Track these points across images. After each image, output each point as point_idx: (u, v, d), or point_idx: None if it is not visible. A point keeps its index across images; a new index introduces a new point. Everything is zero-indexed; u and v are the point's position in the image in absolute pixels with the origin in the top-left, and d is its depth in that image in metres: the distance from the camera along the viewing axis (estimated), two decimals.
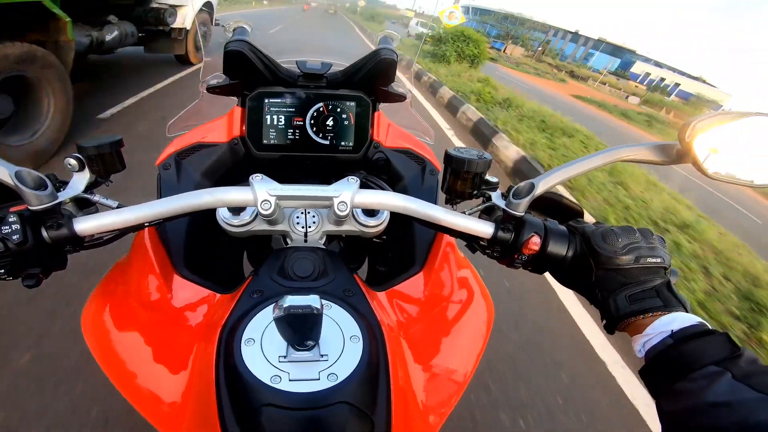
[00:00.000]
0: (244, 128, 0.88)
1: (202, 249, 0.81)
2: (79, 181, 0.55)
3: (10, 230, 0.46)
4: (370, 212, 0.69)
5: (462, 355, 0.67)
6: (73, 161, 0.55)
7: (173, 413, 0.54)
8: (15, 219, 0.46)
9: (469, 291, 0.77)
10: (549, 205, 0.71)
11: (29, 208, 0.47)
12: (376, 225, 0.69)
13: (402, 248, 0.90)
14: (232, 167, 0.90)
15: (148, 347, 0.60)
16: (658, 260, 0.53)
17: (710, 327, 0.47)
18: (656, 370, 0.47)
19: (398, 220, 0.66)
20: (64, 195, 0.52)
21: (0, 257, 0.46)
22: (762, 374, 0.40)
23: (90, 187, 0.57)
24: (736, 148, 0.53)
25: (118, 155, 0.60)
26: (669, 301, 0.51)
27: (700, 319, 0.48)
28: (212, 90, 0.88)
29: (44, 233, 0.48)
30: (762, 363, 0.42)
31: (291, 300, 0.40)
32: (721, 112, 0.52)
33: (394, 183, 0.95)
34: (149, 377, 0.57)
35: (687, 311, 0.50)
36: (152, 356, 0.59)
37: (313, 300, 0.41)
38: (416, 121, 1.15)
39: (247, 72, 0.82)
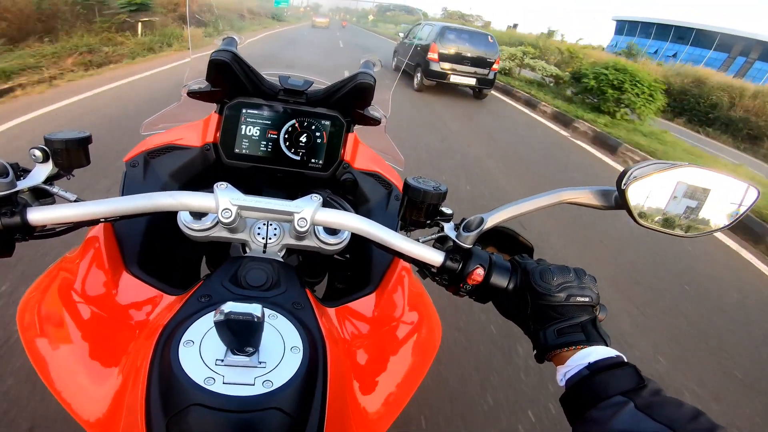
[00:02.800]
0: (218, 135, 0.89)
1: (158, 249, 0.81)
2: (41, 171, 0.56)
3: None
4: (332, 231, 0.71)
5: (406, 374, 0.69)
6: (38, 152, 0.56)
7: (101, 412, 0.54)
8: None
9: (420, 314, 0.79)
10: (503, 239, 0.75)
11: None
12: (336, 243, 0.71)
13: (360, 268, 0.91)
14: (201, 172, 0.91)
15: (84, 342, 0.60)
16: (587, 299, 0.57)
17: (624, 360, 0.51)
18: (573, 398, 0.51)
19: (359, 240, 0.68)
20: (23, 184, 0.53)
21: None
22: (662, 405, 0.44)
23: (51, 179, 0.58)
24: (669, 198, 0.58)
25: (85, 151, 0.61)
26: (591, 336, 0.55)
27: (616, 353, 0.52)
28: (193, 95, 0.89)
29: None
30: (665, 394, 0.46)
31: (232, 306, 0.41)
32: (655, 161, 0.56)
33: (360, 204, 0.97)
34: (80, 374, 0.57)
35: (607, 345, 0.54)
36: (87, 352, 0.59)
37: (254, 309, 0.42)
38: (389, 145, 1.19)
39: (230, 81, 0.84)
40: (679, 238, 0.62)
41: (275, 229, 0.70)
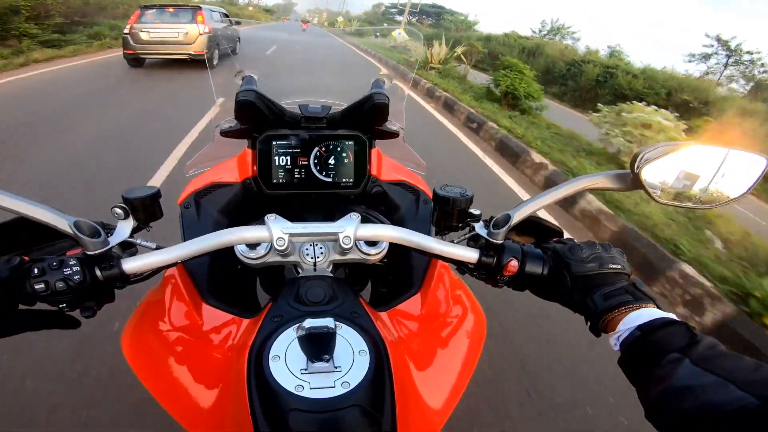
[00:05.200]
0: (255, 168, 0.97)
1: (222, 279, 0.89)
2: (125, 227, 0.64)
3: (71, 272, 0.55)
4: (371, 242, 0.77)
5: (458, 365, 0.74)
6: (119, 210, 0.64)
7: (210, 423, 0.61)
8: (75, 262, 0.55)
9: (463, 308, 0.84)
10: (532, 227, 0.80)
11: (86, 252, 0.56)
12: (377, 253, 0.77)
13: (401, 272, 0.98)
14: (245, 204, 0.99)
15: (183, 365, 0.68)
16: (619, 266, 0.61)
17: (675, 318, 0.52)
18: (630, 360, 0.52)
19: (397, 247, 0.74)
20: (114, 240, 0.60)
21: (62, 294, 0.55)
22: (718, 358, 0.45)
23: (133, 232, 0.65)
24: (679, 175, 0.62)
25: (157, 204, 0.68)
26: (638, 297, 0.56)
27: (666, 313, 0.53)
28: (225, 134, 0.98)
29: (98, 273, 0.57)
30: (721, 348, 0.47)
31: (311, 322, 0.48)
32: (664, 143, 0.60)
33: (392, 213, 1.04)
34: (187, 392, 0.65)
35: (657, 306, 0.56)
36: (188, 373, 0.67)
37: (328, 321, 0.49)
38: (410, 153, 1.25)
39: (256, 117, 0.91)
40: (696, 210, 0.66)
41: (321, 248, 0.77)
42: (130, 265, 0.59)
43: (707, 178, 0.63)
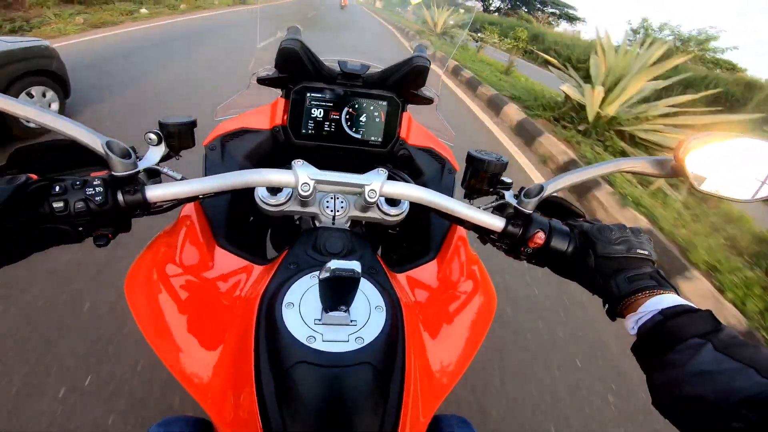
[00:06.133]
0: (285, 118, 0.96)
1: (238, 224, 0.89)
2: (155, 153, 0.63)
3: (93, 192, 0.53)
4: (393, 202, 0.76)
5: (466, 338, 0.73)
6: (153, 136, 0.63)
7: (208, 376, 0.59)
8: (99, 182, 0.54)
9: (475, 282, 0.84)
10: (555, 207, 0.79)
11: (113, 174, 0.55)
12: (397, 214, 0.76)
13: (417, 238, 0.97)
14: (272, 153, 0.99)
15: (187, 312, 0.66)
16: (646, 252, 0.60)
17: (697, 307, 0.51)
18: (646, 345, 0.52)
19: (415, 212, 0.73)
20: (142, 165, 0.60)
21: (81, 216, 0.52)
22: (741, 346, 0.44)
23: (161, 160, 0.65)
24: (724, 165, 0.60)
25: (191, 134, 0.67)
26: (662, 283, 0.56)
27: (688, 302, 0.53)
28: (261, 81, 0.97)
29: (120, 197, 0.56)
30: (741, 338, 0.46)
31: (337, 263, 0.46)
32: (712, 133, 0.58)
33: (415, 178, 1.02)
34: (187, 341, 0.63)
35: (678, 294, 0.55)
36: (193, 320, 0.65)
37: (355, 265, 0.46)
38: (440, 122, 1.23)
39: (296, 68, 0.90)
40: (736, 202, 0.64)
41: (342, 202, 0.76)
42: (153, 192, 0.58)
43: (751, 171, 0.61)
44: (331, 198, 0.76)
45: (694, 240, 3.39)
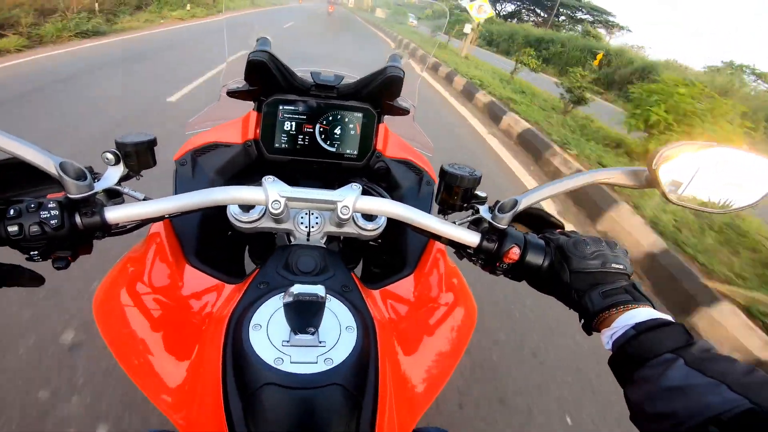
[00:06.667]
0: (258, 131, 0.94)
1: (210, 242, 0.87)
2: (113, 174, 0.61)
3: (48, 215, 0.51)
4: (369, 217, 0.75)
5: (445, 353, 0.72)
6: (110, 155, 0.60)
7: (178, 395, 0.58)
8: (54, 205, 0.52)
9: (455, 295, 0.82)
10: (534, 218, 0.78)
11: (68, 196, 0.53)
12: (374, 229, 0.75)
13: (396, 252, 0.96)
14: (244, 167, 0.96)
15: (157, 331, 0.65)
16: (621, 266, 0.59)
17: (671, 320, 0.51)
18: (621, 360, 0.51)
19: (394, 225, 0.72)
20: (99, 186, 0.57)
21: (36, 240, 0.51)
22: (713, 360, 0.44)
23: (121, 180, 0.62)
24: (698, 176, 0.59)
25: (151, 153, 0.65)
26: (636, 297, 0.56)
27: (663, 315, 0.53)
28: (232, 94, 0.94)
29: (78, 220, 0.54)
30: (716, 352, 0.46)
31: (299, 288, 0.46)
32: (685, 142, 0.57)
33: (393, 191, 1.01)
34: (156, 360, 0.62)
35: (653, 308, 0.55)
36: (161, 340, 0.64)
37: (319, 290, 0.46)
38: (418, 133, 1.22)
39: (266, 80, 0.88)
40: (711, 213, 0.64)
41: (317, 218, 0.75)
42: (113, 214, 0.56)
43: (725, 181, 0.60)
44: (306, 214, 0.75)
45: None
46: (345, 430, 0.47)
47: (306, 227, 0.74)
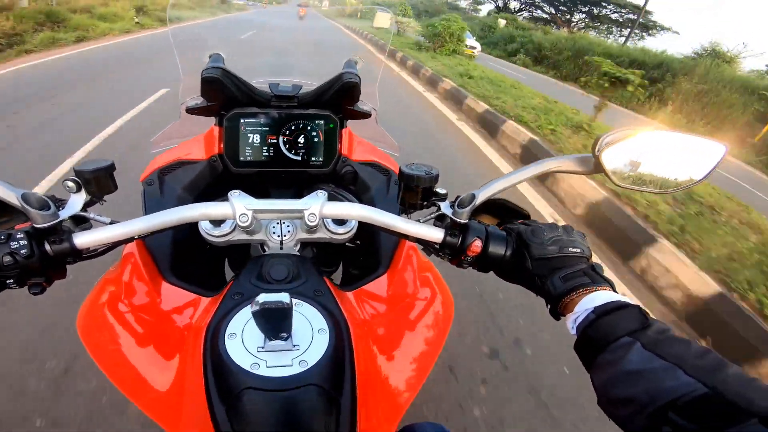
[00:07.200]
0: (222, 146, 0.95)
1: (186, 257, 0.87)
2: (77, 201, 0.62)
3: (18, 245, 0.53)
4: (340, 221, 0.77)
5: (424, 347, 0.74)
6: (71, 183, 0.61)
7: (166, 403, 0.60)
8: (22, 236, 0.53)
9: (431, 290, 0.85)
10: (500, 210, 0.81)
11: (34, 226, 0.54)
12: (345, 233, 0.77)
13: (370, 253, 0.98)
14: (212, 182, 0.97)
15: (140, 346, 0.67)
16: (578, 250, 0.62)
17: (628, 302, 0.52)
18: (584, 344, 0.52)
19: (367, 227, 0.74)
20: (64, 214, 0.58)
21: (9, 269, 0.53)
22: (668, 343, 0.45)
23: (86, 206, 0.63)
24: (639, 160, 0.63)
25: (111, 178, 0.65)
26: (595, 279, 0.57)
27: (620, 296, 0.54)
28: (191, 111, 0.95)
29: (47, 247, 0.55)
30: (672, 333, 0.47)
31: (265, 297, 0.47)
32: (625, 129, 0.61)
33: (362, 193, 1.03)
34: (143, 372, 0.64)
35: (614, 290, 0.56)
36: (144, 354, 0.66)
37: (283, 297, 0.48)
38: (383, 134, 1.24)
39: (223, 95, 0.89)
40: (655, 194, 0.67)
41: (288, 226, 0.76)
42: (82, 239, 0.57)
43: (666, 163, 0.64)
44: (278, 223, 0.76)
45: None
46: (325, 427, 0.49)
47: (278, 236, 0.75)
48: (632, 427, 0.43)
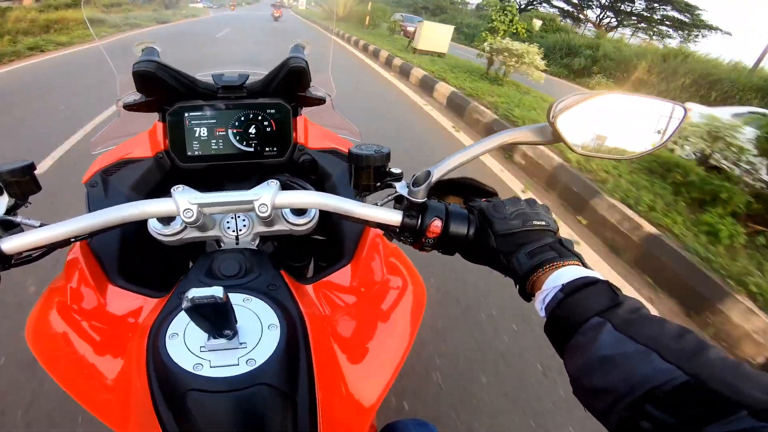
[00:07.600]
0: (166, 142, 0.91)
1: (137, 258, 0.83)
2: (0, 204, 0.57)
3: None
4: (299, 212, 0.73)
5: (395, 338, 0.71)
6: None
7: (115, 406, 0.58)
8: None
9: (401, 277, 0.81)
10: (467, 188, 0.77)
11: None
12: (305, 223, 0.73)
13: (334, 243, 0.94)
14: (162, 180, 0.93)
15: (88, 352, 0.64)
16: (543, 223, 0.57)
17: (598, 277, 0.48)
18: (554, 326, 0.48)
19: (331, 218, 0.70)
20: None
21: None
22: (641, 323, 0.41)
23: (11, 210, 0.59)
24: (597, 125, 0.61)
25: (32, 178, 0.61)
26: (563, 254, 0.53)
27: (589, 271, 0.50)
28: (129, 107, 0.90)
29: None
30: (645, 312, 0.43)
31: (195, 292, 0.43)
32: (578, 93, 0.58)
33: (324, 182, 0.99)
34: (93, 379, 0.61)
35: (583, 264, 0.52)
36: (93, 359, 0.63)
37: (216, 290, 0.43)
38: (342, 120, 1.20)
39: (161, 89, 0.85)
40: (617, 161, 0.65)
41: (244, 220, 0.73)
42: (10, 244, 0.52)
43: (626, 127, 0.62)
44: (232, 218, 0.72)
45: None
46: (282, 428, 0.47)
47: (234, 231, 0.72)
48: (610, 421, 0.39)
